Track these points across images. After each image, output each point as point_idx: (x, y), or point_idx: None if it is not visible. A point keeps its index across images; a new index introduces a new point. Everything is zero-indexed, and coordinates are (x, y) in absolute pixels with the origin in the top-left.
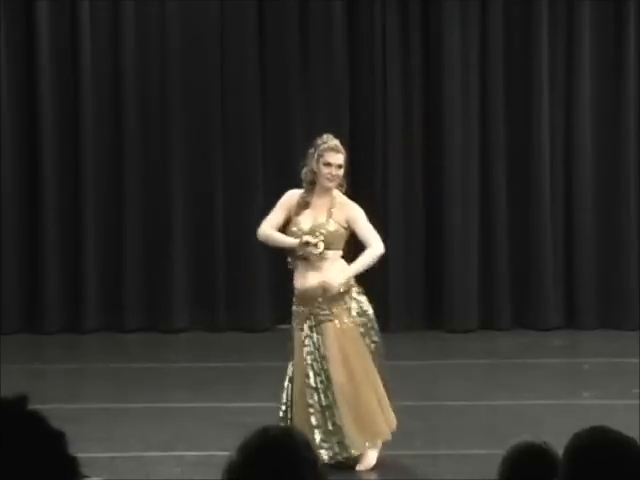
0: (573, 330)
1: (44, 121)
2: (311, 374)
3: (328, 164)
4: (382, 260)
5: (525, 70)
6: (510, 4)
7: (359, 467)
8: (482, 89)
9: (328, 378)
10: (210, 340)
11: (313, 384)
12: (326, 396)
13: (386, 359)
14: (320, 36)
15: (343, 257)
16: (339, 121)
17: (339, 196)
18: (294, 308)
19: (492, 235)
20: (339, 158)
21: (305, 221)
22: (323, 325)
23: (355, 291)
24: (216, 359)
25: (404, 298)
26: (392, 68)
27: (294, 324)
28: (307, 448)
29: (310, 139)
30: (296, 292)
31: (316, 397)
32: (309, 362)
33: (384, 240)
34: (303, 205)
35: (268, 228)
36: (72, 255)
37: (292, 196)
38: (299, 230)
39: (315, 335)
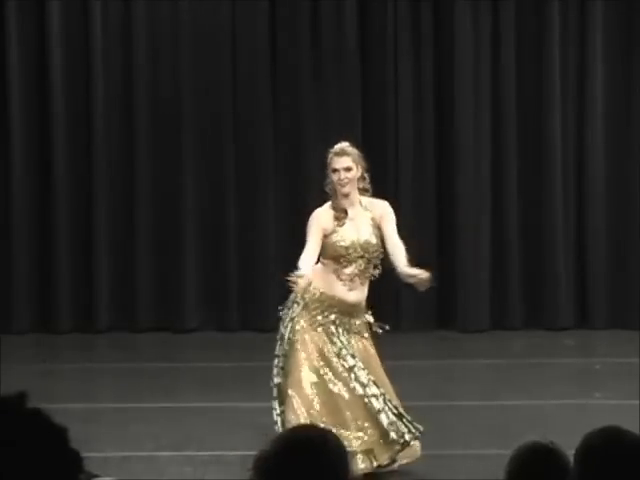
0: (585, 330)
1: (56, 121)
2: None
3: (335, 170)
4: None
5: (537, 70)
6: (522, 4)
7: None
8: (494, 89)
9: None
10: (222, 340)
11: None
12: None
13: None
14: (332, 36)
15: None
16: (351, 121)
17: (365, 199)
18: (322, 315)
19: (504, 235)
20: (344, 161)
21: (349, 234)
22: (353, 336)
23: None
24: (228, 359)
25: (416, 297)
26: (404, 68)
27: (312, 325)
28: (340, 452)
29: (322, 140)
30: (340, 302)
31: (373, 388)
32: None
33: None
34: (342, 215)
35: (309, 260)
36: (84, 255)
37: (321, 215)
38: (351, 244)
39: (346, 340)
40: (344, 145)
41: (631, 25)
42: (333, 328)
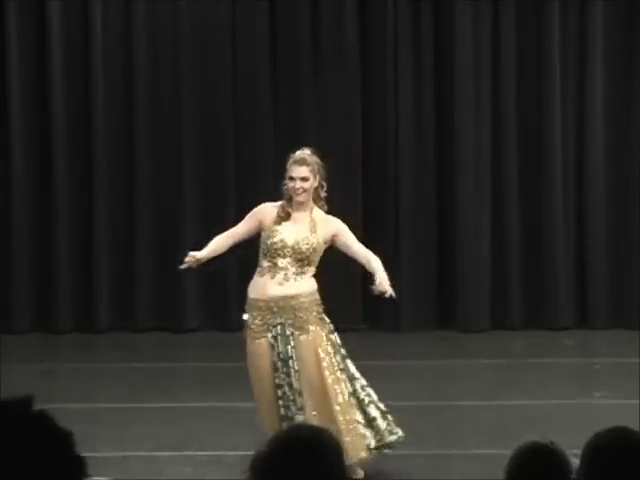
0: (585, 330)
1: (56, 121)
2: (281, 386)
3: (291, 178)
4: (394, 259)
5: (537, 70)
6: (522, 4)
7: None
8: (494, 89)
9: (297, 390)
10: (222, 340)
11: (288, 394)
12: (298, 408)
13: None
14: (332, 36)
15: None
16: (351, 121)
17: (319, 213)
18: (250, 318)
19: (504, 235)
20: (302, 171)
21: (288, 234)
22: (295, 335)
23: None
24: (228, 359)
25: (416, 298)
26: (404, 68)
27: (250, 334)
28: (336, 451)
29: (322, 139)
30: (260, 301)
31: (293, 408)
32: (276, 374)
33: (397, 240)
34: (284, 216)
35: (221, 235)
36: (84, 255)
37: (265, 209)
38: (280, 242)
39: (282, 346)
40: (305, 154)
41: (631, 25)
42: (277, 332)
